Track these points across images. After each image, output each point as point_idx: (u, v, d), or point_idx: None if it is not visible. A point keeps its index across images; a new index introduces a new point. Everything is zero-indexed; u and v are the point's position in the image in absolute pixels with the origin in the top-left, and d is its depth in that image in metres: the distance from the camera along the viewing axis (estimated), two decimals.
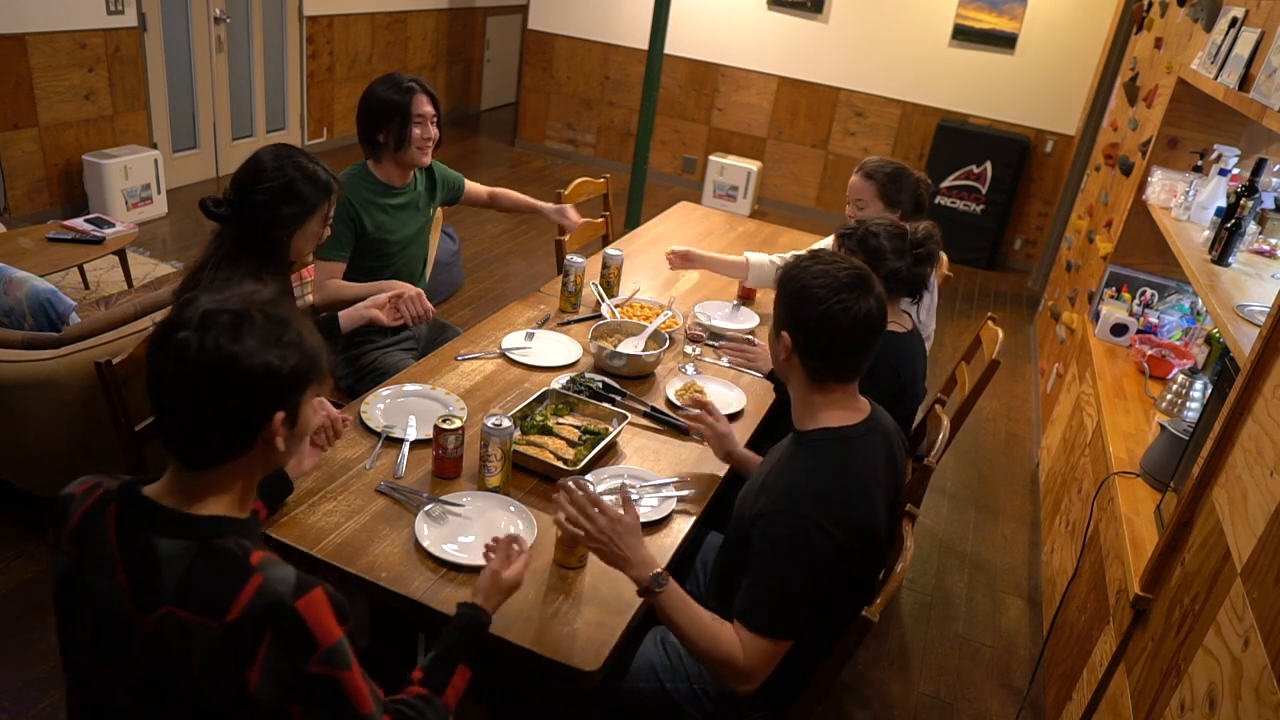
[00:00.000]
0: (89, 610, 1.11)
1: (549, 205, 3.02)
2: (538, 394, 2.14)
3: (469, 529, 1.73)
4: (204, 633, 1.04)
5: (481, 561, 1.63)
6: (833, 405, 1.62)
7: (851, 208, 2.66)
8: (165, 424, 1.10)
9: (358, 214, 2.51)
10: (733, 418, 2.26)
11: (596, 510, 1.53)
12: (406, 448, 1.94)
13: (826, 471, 1.56)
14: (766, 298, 3.04)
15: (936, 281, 2.76)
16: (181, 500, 1.12)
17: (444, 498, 1.79)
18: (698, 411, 2.03)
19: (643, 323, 2.60)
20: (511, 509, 1.79)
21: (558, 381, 2.26)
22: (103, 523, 1.11)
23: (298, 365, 1.11)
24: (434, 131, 2.57)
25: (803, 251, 1.72)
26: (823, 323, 1.55)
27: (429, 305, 2.36)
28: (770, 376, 2.25)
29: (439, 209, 2.89)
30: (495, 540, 1.54)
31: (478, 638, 1.40)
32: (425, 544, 1.66)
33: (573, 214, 3.01)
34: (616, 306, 2.76)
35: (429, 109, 2.54)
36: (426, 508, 1.75)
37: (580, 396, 2.19)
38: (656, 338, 2.52)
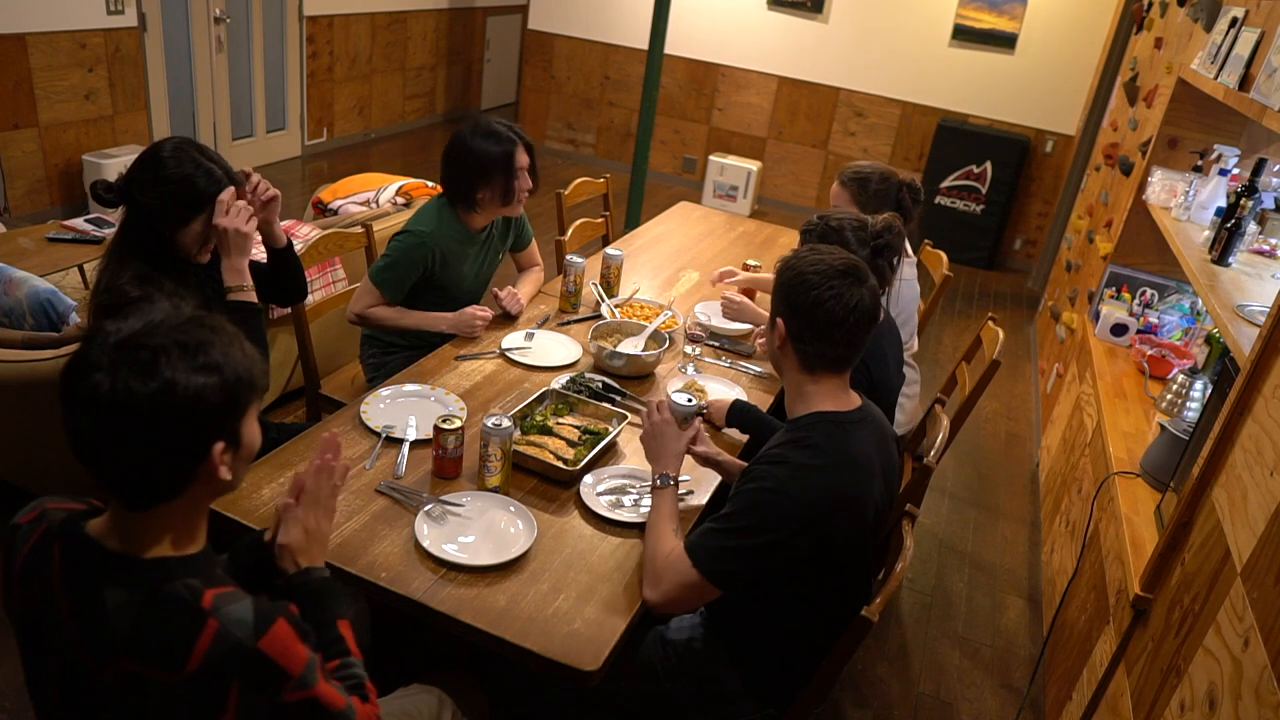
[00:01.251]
0: (50, 658, 1.06)
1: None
2: (538, 394, 2.14)
3: (469, 529, 1.73)
4: (163, 687, 1.00)
5: (482, 561, 1.63)
6: (825, 394, 1.65)
7: None
8: (93, 470, 1.00)
9: (436, 262, 2.48)
10: None
11: (658, 412, 1.80)
12: (406, 448, 1.94)
13: (816, 448, 1.59)
14: (764, 300, 3.04)
15: (913, 274, 2.74)
16: (126, 541, 1.04)
17: (444, 497, 1.79)
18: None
19: (643, 323, 2.60)
20: (511, 509, 1.79)
21: (558, 381, 2.26)
22: (48, 568, 1.05)
23: (230, 389, 1.02)
24: (530, 182, 2.51)
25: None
26: (814, 309, 1.59)
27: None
28: (731, 420, 2.13)
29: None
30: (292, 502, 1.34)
31: (326, 595, 1.28)
32: (425, 544, 1.66)
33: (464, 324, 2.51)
34: (616, 306, 2.76)
35: (527, 158, 2.48)
36: (426, 508, 1.75)
37: (580, 396, 2.19)
38: (656, 338, 2.52)
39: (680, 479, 1.97)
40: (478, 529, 1.73)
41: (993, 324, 2.63)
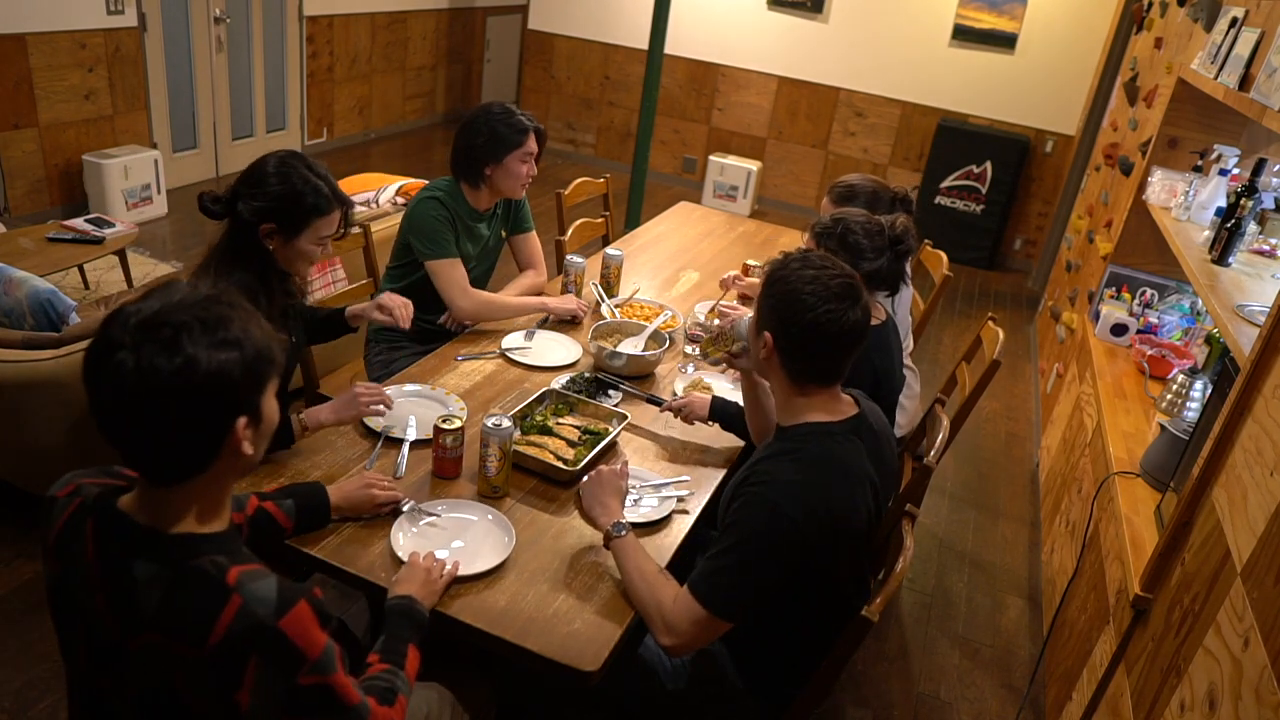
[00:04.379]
0: (80, 628, 1.09)
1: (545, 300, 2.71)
2: (538, 394, 2.14)
3: (444, 539, 1.71)
4: (186, 660, 1.02)
5: (462, 571, 1.61)
6: (815, 405, 1.63)
7: None
8: (119, 448, 1.03)
9: (455, 220, 2.55)
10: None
11: (604, 467, 1.77)
12: (406, 448, 1.94)
13: (804, 461, 1.57)
14: None
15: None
16: (154, 516, 1.07)
17: (422, 505, 1.76)
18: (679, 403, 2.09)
19: (643, 323, 2.60)
20: (490, 517, 1.76)
21: (558, 381, 2.26)
22: (81, 540, 1.08)
23: (250, 364, 1.03)
24: (535, 169, 2.61)
25: (796, 250, 1.69)
26: (809, 330, 1.55)
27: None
28: (714, 414, 2.13)
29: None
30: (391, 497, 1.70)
31: (415, 621, 1.43)
32: (400, 555, 1.63)
33: (569, 302, 2.67)
34: (616, 306, 2.76)
35: (536, 147, 2.57)
36: (406, 507, 1.73)
37: (580, 396, 2.19)
38: (656, 338, 2.52)
39: (679, 479, 1.98)
40: (454, 540, 1.70)
41: (993, 324, 2.63)
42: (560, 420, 2.10)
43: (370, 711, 1.14)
